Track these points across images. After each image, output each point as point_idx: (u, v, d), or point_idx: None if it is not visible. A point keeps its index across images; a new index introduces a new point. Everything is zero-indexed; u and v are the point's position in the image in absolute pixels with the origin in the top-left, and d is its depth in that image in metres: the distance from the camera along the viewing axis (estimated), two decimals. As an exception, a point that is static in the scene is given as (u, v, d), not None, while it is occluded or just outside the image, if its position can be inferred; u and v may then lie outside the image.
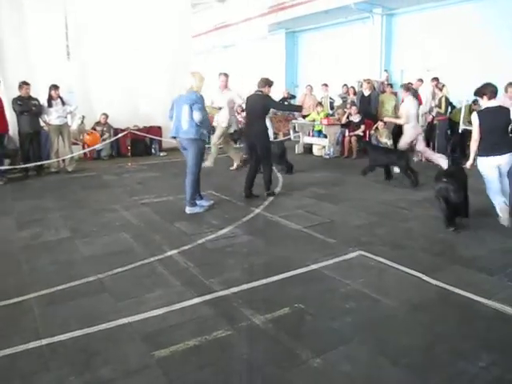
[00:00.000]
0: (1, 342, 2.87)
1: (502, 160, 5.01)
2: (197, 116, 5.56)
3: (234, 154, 9.22)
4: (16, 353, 2.77)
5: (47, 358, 2.71)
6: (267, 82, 6.58)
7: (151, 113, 11.46)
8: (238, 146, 10.37)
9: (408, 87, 8.56)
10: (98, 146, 10.57)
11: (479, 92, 5.20)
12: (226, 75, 8.95)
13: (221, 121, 8.86)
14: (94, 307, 3.31)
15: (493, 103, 5.10)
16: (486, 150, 5.07)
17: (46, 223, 5.57)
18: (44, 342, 2.87)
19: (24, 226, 5.43)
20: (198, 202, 5.99)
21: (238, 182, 7.80)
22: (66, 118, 9.32)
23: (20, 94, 8.79)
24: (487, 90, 5.10)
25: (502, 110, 5.12)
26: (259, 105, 6.50)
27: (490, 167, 5.06)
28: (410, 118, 8.05)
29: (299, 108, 8.98)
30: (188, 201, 5.88)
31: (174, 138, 5.89)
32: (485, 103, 5.17)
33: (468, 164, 5.31)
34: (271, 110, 8.42)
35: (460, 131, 9.68)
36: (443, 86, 10.03)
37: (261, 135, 6.53)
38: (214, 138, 9.05)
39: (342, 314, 3.18)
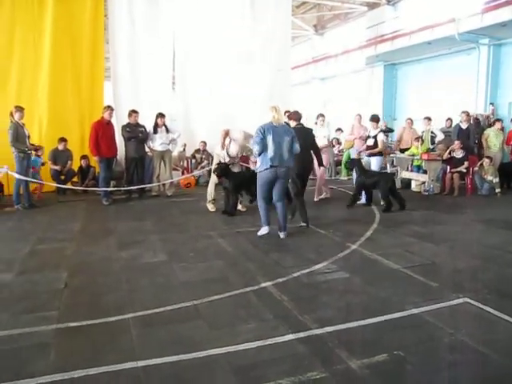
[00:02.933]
0: (99, 359, 2.96)
1: None
2: (298, 148, 6.07)
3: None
4: (113, 371, 2.83)
5: (142, 380, 2.75)
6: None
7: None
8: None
9: None
10: (196, 173, 10.96)
11: None
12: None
13: None
14: (188, 333, 3.33)
15: None
16: None
17: (145, 245, 5.82)
18: (140, 363, 2.91)
19: (125, 247, 5.71)
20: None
21: (331, 214, 7.70)
22: (168, 144, 9.81)
23: (129, 121, 9.42)
24: None
25: None
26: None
27: None
28: None
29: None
30: (283, 226, 6.18)
31: (271, 167, 5.92)
32: None
33: None
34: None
35: None
36: None
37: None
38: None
39: (446, 366, 2.91)
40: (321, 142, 9.07)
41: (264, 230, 6.21)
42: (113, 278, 4.59)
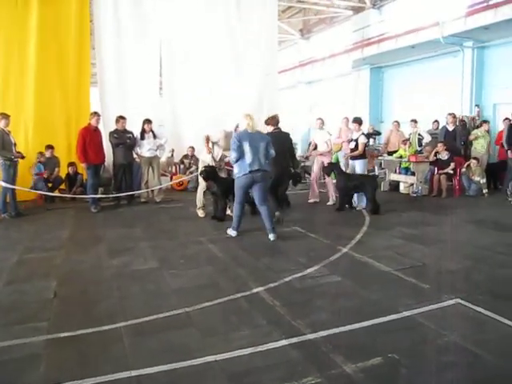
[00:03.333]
0: (92, 369, 2.92)
1: None
2: (273, 152, 6.31)
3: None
4: (106, 382, 2.79)
5: (136, 391, 2.72)
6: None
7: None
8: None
9: None
10: (184, 178, 10.92)
11: None
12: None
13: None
14: (181, 341, 3.30)
15: None
16: None
17: (135, 252, 5.76)
18: (133, 373, 2.87)
19: (115, 254, 5.65)
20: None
21: (322, 218, 7.71)
22: (156, 150, 9.76)
23: (116, 127, 9.35)
24: None
25: None
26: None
27: None
28: None
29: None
30: (271, 229, 6.25)
31: (250, 172, 6.14)
32: None
33: None
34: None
35: None
36: None
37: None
38: None
39: (440, 368, 2.91)
40: (321, 146, 9.16)
41: (232, 233, 6.49)
42: (103, 286, 4.54)
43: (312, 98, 22.17)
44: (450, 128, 10.69)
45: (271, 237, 6.22)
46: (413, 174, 10.30)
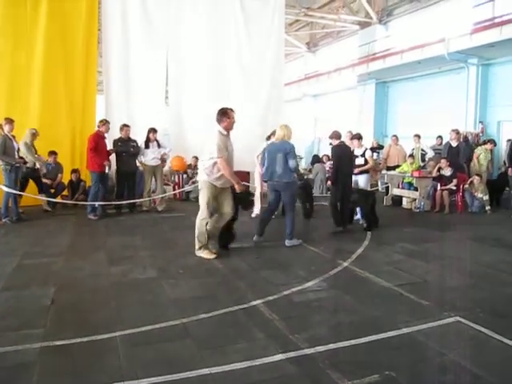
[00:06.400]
0: (85, 379, 2.90)
1: None
2: (292, 164, 6.38)
3: None
4: (99, 392, 2.77)
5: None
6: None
7: (241, 158, 11.72)
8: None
9: None
10: (187, 188, 10.92)
11: None
12: None
13: None
14: (177, 353, 3.27)
15: None
16: None
17: (135, 261, 5.75)
18: (127, 384, 2.85)
19: (114, 262, 5.65)
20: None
21: (323, 231, 7.67)
22: (160, 159, 9.77)
23: (121, 135, 9.38)
24: None
25: None
26: None
27: None
28: None
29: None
30: (289, 234, 6.53)
31: (265, 181, 6.77)
32: None
33: None
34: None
35: None
36: None
37: None
38: None
39: (437, 388, 2.89)
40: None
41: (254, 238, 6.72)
42: (101, 295, 4.51)
43: (317, 111, 22.24)
44: (454, 144, 10.68)
45: (286, 243, 6.55)
46: (416, 189, 10.27)
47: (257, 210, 8.88)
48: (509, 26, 11.56)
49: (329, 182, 7.83)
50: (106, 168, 8.86)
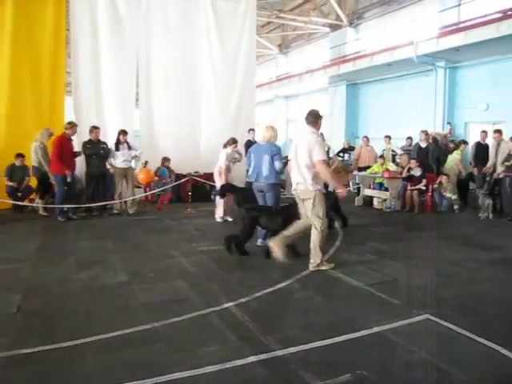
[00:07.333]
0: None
1: None
2: (278, 165, 6.35)
3: None
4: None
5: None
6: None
7: (213, 160, 11.71)
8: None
9: None
10: (158, 191, 10.81)
11: None
12: None
13: None
14: (148, 358, 3.22)
15: None
16: None
17: (105, 265, 5.64)
18: (96, 392, 2.80)
19: (84, 267, 5.52)
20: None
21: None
22: (130, 161, 9.66)
23: (90, 137, 9.22)
24: None
25: None
26: None
27: None
28: None
29: None
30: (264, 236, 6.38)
31: (250, 182, 6.67)
32: None
33: None
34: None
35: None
36: None
37: None
38: None
39: (408, 385, 2.92)
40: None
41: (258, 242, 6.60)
42: (70, 301, 4.42)
43: (289, 113, 22.36)
44: (423, 145, 10.87)
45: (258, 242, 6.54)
46: (386, 189, 10.42)
47: (219, 213, 8.78)
48: (473, 31, 11.88)
49: None
50: (68, 178, 8.64)
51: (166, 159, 11.15)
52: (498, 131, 9.76)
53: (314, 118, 5.73)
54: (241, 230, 6.10)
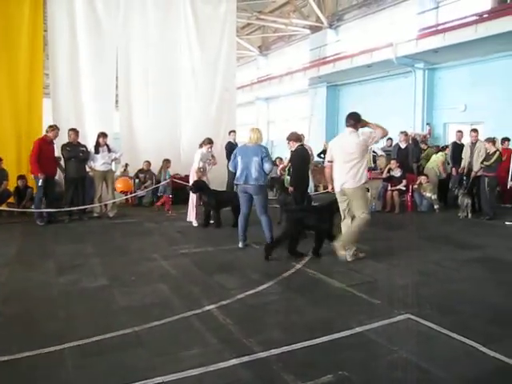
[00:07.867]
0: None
1: None
2: (268, 167, 6.38)
3: None
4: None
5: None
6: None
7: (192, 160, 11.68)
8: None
9: None
10: (140, 193, 10.73)
11: None
12: None
13: None
14: (129, 362, 3.19)
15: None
16: None
17: (85, 269, 5.58)
18: (76, 398, 2.76)
19: (64, 271, 5.46)
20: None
21: (278, 233, 7.68)
22: (110, 164, 9.57)
23: (69, 140, 9.10)
24: None
25: None
26: None
27: None
28: None
29: None
30: (270, 238, 6.42)
31: (237, 185, 6.64)
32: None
33: None
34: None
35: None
36: (494, 140, 9.59)
37: None
38: None
39: (389, 385, 2.94)
40: None
41: (239, 244, 6.68)
42: (49, 306, 4.36)
43: (270, 114, 22.40)
44: (403, 146, 10.99)
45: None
46: (367, 189, 10.48)
47: (193, 217, 8.68)
48: (451, 33, 12.07)
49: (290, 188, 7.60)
50: (40, 181, 8.49)
51: (167, 161, 11.17)
52: (475, 130, 9.93)
53: (356, 121, 6.24)
54: (284, 234, 6.17)
